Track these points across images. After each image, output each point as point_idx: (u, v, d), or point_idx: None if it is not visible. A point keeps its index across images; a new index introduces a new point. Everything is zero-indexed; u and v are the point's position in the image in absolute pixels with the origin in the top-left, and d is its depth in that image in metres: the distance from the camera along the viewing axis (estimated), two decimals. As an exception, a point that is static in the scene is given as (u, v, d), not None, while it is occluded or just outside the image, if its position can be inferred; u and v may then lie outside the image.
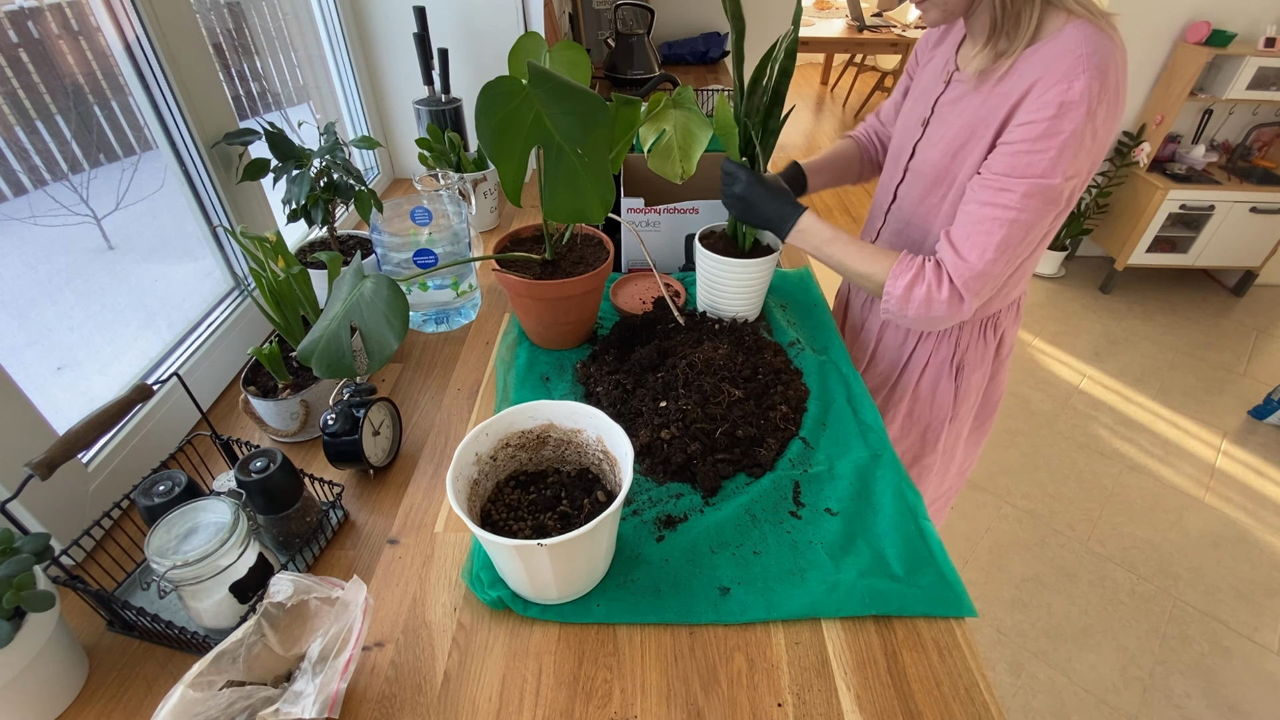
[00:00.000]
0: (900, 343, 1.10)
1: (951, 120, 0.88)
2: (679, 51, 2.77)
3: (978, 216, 0.81)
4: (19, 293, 0.77)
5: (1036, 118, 0.75)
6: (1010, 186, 0.78)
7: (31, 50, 0.78)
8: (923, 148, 0.94)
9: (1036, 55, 0.77)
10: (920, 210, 0.96)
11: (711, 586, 0.67)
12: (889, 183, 1.04)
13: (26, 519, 0.65)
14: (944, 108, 0.90)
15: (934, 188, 0.92)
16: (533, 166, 1.04)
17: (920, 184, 0.94)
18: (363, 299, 0.68)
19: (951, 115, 0.88)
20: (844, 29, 4.55)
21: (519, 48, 0.85)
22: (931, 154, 0.91)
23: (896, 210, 1.02)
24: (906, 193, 0.98)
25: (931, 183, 0.92)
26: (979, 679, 0.60)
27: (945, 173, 0.89)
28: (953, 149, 0.87)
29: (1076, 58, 0.73)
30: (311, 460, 0.83)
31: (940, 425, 1.13)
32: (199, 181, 0.95)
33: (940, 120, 0.91)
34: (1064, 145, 0.74)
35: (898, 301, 0.86)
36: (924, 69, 1.00)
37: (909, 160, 0.97)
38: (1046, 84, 0.75)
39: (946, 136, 0.88)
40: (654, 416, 0.82)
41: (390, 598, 0.67)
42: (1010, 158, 0.78)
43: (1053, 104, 0.74)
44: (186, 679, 0.49)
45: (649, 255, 0.99)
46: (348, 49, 1.43)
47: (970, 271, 0.82)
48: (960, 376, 1.07)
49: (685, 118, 0.92)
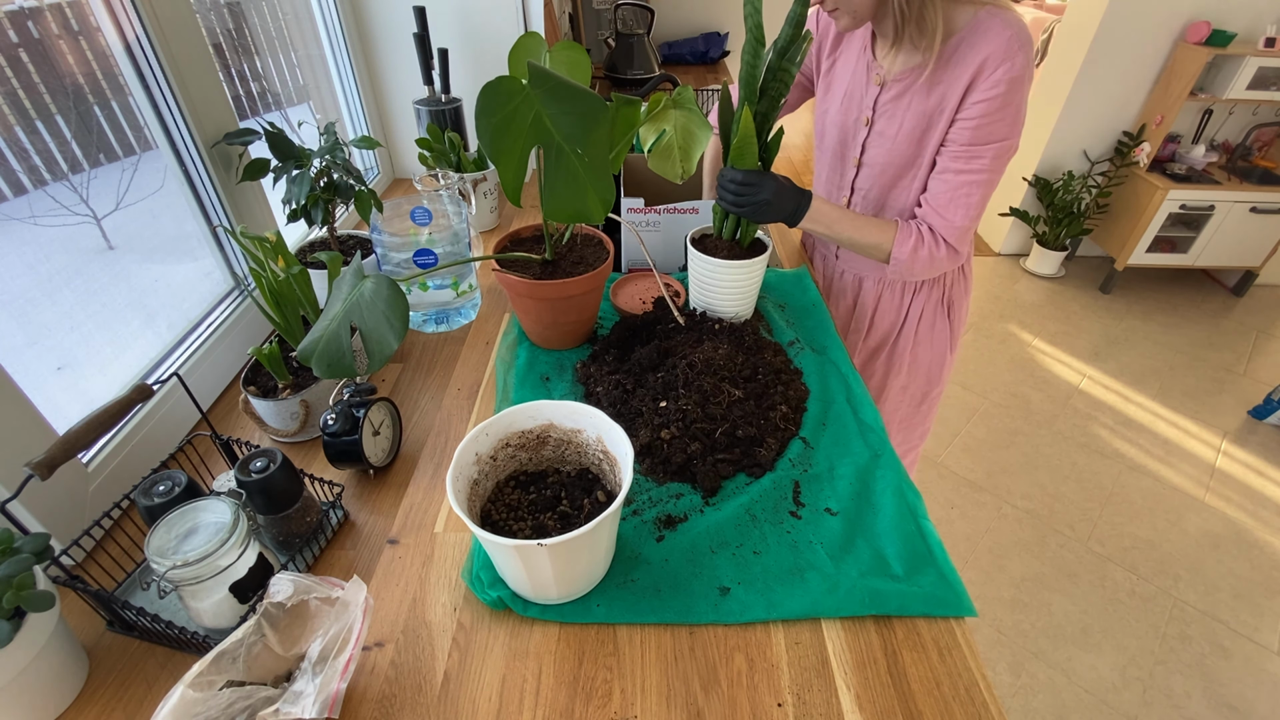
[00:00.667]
0: (898, 301, 1.20)
1: (901, 115, 0.99)
2: (679, 51, 2.77)
3: (956, 183, 0.96)
4: (19, 293, 0.77)
5: (992, 94, 0.89)
6: (981, 154, 0.93)
7: (31, 50, 0.78)
8: (876, 144, 1.04)
9: (972, 45, 0.89)
10: (893, 194, 1.07)
11: (711, 586, 0.67)
12: (840, 178, 1.14)
13: (26, 519, 0.65)
14: (887, 106, 1.00)
15: (904, 172, 1.03)
16: (533, 166, 1.04)
17: (887, 173, 1.05)
18: (363, 299, 0.68)
19: (899, 111, 0.99)
20: (844, 29, 4.53)
21: (519, 48, 0.85)
22: (892, 147, 1.02)
23: (860, 202, 1.12)
24: (869, 184, 1.09)
25: (899, 169, 1.03)
26: (979, 679, 0.60)
27: (913, 158, 1.01)
28: (914, 137, 0.99)
29: (1008, 39, 0.87)
30: (311, 460, 0.83)
31: (942, 356, 1.26)
32: (199, 181, 0.95)
33: (889, 118, 1.01)
34: (1017, 110, 0.91)
35: (905, 265, 1.00)
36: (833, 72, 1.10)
37: (861, 156, 1.08)
38: (993, 65, 0.88)
39: (904, 129, 0.99)
40: (654, 416, 0.82)
41: (390, 598, 0.67)
42: (975, 130, 0.92)
43: (1003, 81, 0.88)
44: (186, 679, 0.49)
45: (649, 255, 0.99)
46: (348, 49, 1.43)
47: (958, 229, 0.98)
48: (952, 311, 1.22)
49: (685, 118, 0.92)
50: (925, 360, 1.26)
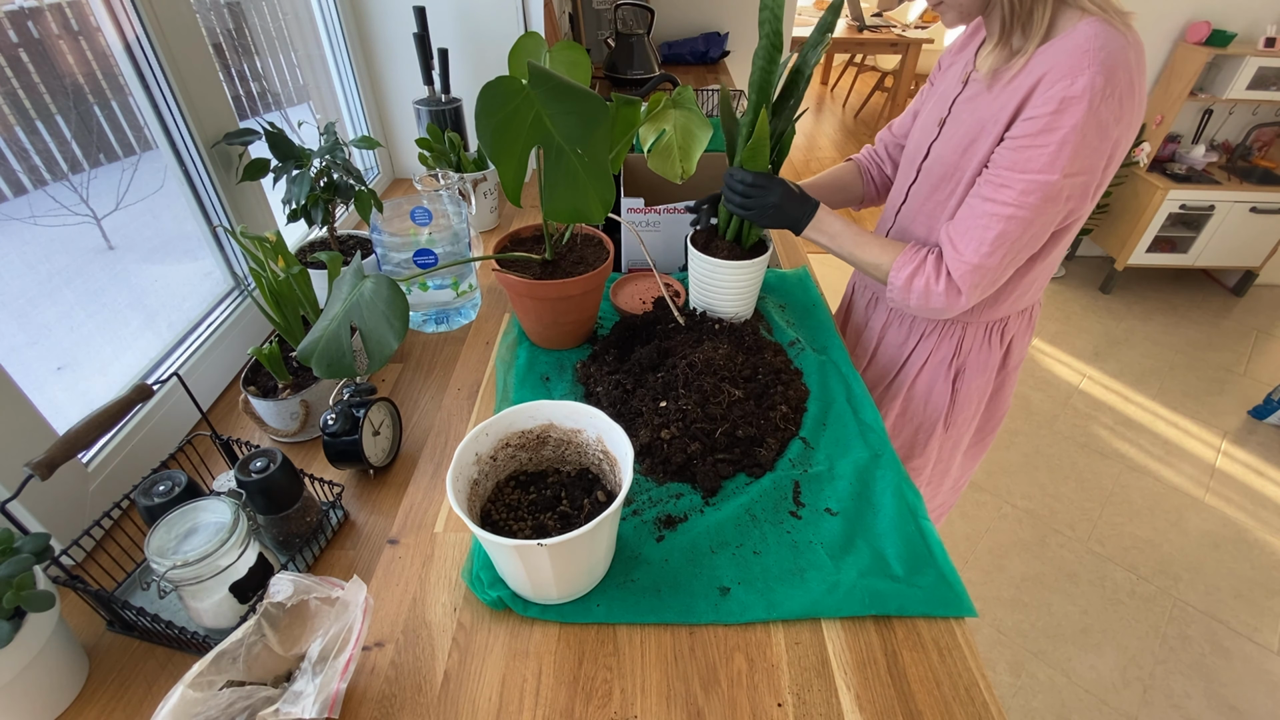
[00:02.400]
0: (902, 340, 1.10)
1: (964, 118, 0.88)
2: (679, 51, 2.77)
3: (977, 211, 0.82)
4: (19, 293, 0.77)
5: (1039, 113, 0.75)
6: (1009, 182, 0.79)
7: (31, 50, 0.78)
8: (937, 147, 0.94)
9: (1047, 52, 0.77)
10: (927, 206, 0.96)
11: (711, 586, 0.67)
12: (902, 184, 1.04)
13: (26, 519, 0.65)
14: (959, 106, 0.90)
15: (942, 184, 0.92)
16: (533, 166, 1.04)
17: (930, 181, 0.95)
18: (363, 299, 0.68)
19: (965, 113, 0.88)
20: (844, 29, 4.55)
21: (519, 48, 0.85)
22: (944, 152, 0.91)
23: (905, 210, 1.02)
24: (916, 191, 0.98)
25: (940, 179, 0.92)
26: (979, 679, 0.60)
27: (954, 169, 0.89)
28: (963, 145, 0.87)
29: (1084, 53, 0.72)
30: (311, 460, 0.83)
31: (932, 427, 1.13)
32: (199, 181, 0.95)
33: (955, 119, 0.91)
34: (1063, 141, 0.74)
35: (900, 291, 0.89)
36: (945, 73, 1.00)
37: (923, 160, 0.97)
38: (1052, 79, 0.74)
39: (958, 134, 0.88)
40: (654, 416, 0.82)
41: (390, 598, 0.67)
42: (1012, 153, 0.79)
43: (1055, 99, 0.73)
44: (186, 679, 0.49)
45: (649, 255, 0.99)
46: (348, 49, 1.43)
47: (965, 265, 0.83)
48: (959, 380, 1.08)
49: (685, 118, 0.92)
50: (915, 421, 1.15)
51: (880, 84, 5.24)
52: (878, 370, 1.17)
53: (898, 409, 1.15)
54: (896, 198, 1.06)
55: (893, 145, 1.16)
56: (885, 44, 4.46)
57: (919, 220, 0.98)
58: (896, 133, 1.14)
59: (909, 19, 5.29)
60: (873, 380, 1.18)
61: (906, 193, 1.01)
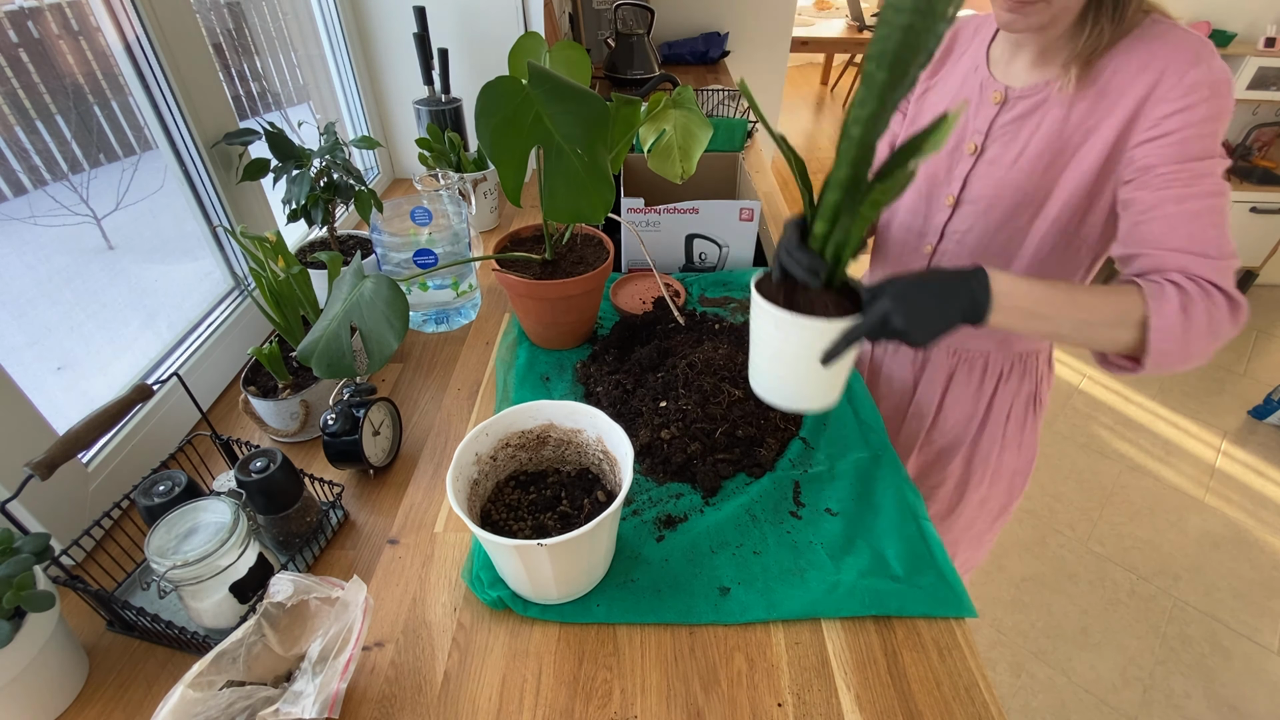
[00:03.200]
0: (975, 389, 0.98)
1: (1027, 137, 0.79)
2: (679, 51, 2.76)
3: (1192, 211, 0.70)
4: (19, 293, 0.77)
5: (1191, 101, 0.69)
6: (1206, 170, 0.70)
7: (31, 50, 0.78)
8: (984, 174, 0.84)
9: (1137, 54, 0.72)
10: (998, 239, 0.85)
11: (711, 586, 0.67)
12: (922, 223, 0.92)
13: (26, 519, 0.65)
14: (1007, 128, 0.81)
15: (1018, 212, 0.82)
16: (533, 166, 1.04)
17: (993, 213, 0.84)
18: (363, 299, 0.68)
19: (1024, 132, 0.80)
20: (844, 29, 4.55)
21: (519, 48, 0.85)
22: (1005, 176, 0.82)
23: (953, 250, 0.90)
24: (967, 225, 0.87)
25: (1013, 208, 0.82)
26: (979, 679, 0.60)
27: (1033, 193, 0.80)
28: (1038, 167, 0.79)
29: (1196, 42, 0.70)
30: (311, 460, 0.83)
31: (1028, 466, 1.03)
32: (199, 181, 0.95)
33: (1007, 142, 0.82)
34: (1220, 123, 0.71)
35: (1177, 334, 0.66)
36: (925, 99, 0.91)
37: (961, 192, 0.87)
38: (1180, 70, 0.70)
39: (1027, 154, 0.79)
40: (654, 416, 0.82)
41: (390, 598, 0.67)
42: (1181, 145, 0.70)
43: (1203, 85, 0.69)
44: (186, 679, 0.49)
45: (649, 255, 0.99)
46: (348, 49, 1.43)
47: (1226, 265, 0.69)
48: (1039, 410, 1.01)
49: (685, 118, 0.92)
50: (1009, 468, 1.02)
51: (880, 84, 5.23)
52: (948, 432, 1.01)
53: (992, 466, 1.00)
54: (918, 239, 0.94)
55: None
56: (885, 44, 4.44)
57: (988, 257, 0.87)
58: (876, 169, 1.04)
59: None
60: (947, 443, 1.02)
61: (942, 232, 0.90)
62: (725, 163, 1.35)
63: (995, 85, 0.83)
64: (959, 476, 1.05)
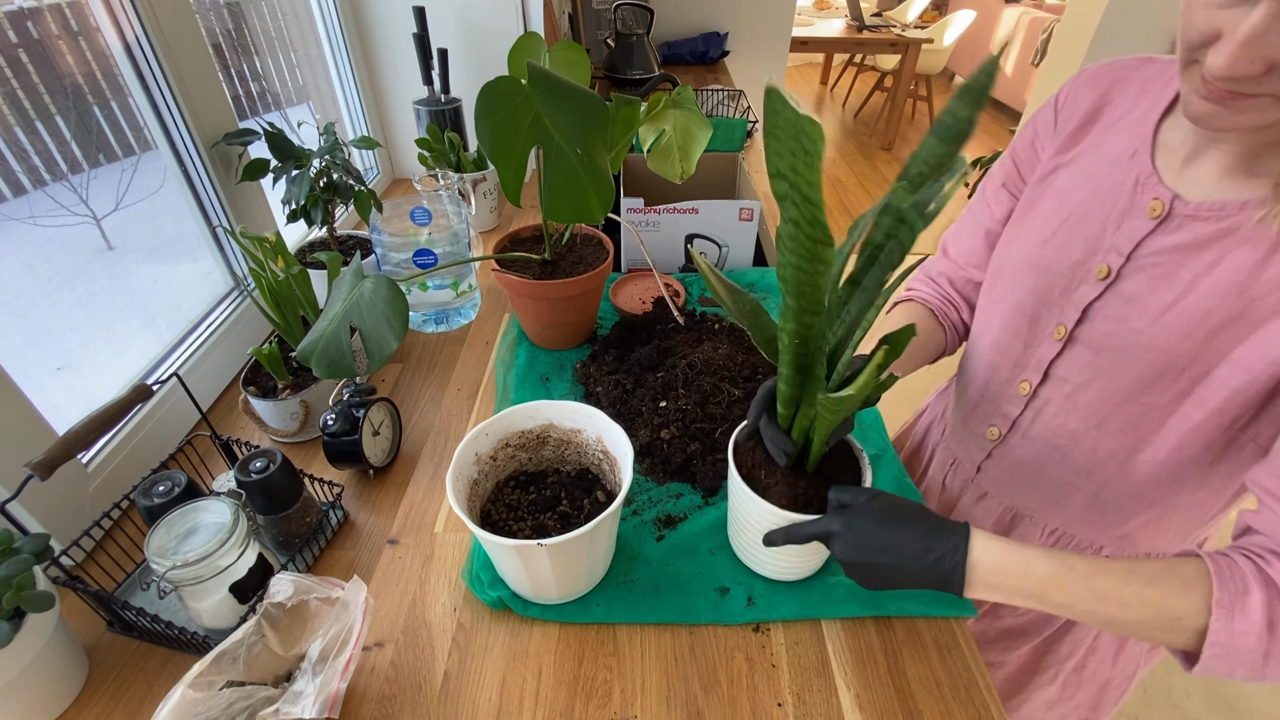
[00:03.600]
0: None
1: (1191, 277, 0.55)
2: (678, 51, 2.77)
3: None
4: (19, 293, 0.77)
5: None
6: None
7: (31, 50, 0.78)
8: (1115, 311, 0.60)
9: None
10: (1126, 413, 0.61)
11: (711, 586, 0.67)
12: (1020, 350, 0.69)
13: (26, 519, 0.65)
14: (1166, 256, 0.56)
15: (1157, 383, 0.58)
16: (533, 166, 1.05)
17: (1121, 373, 0.60)
18: (362, 299, 0.68)
19: (1190, 267, 0.55)
20: (844, 29, 4.55)
21: (518, 48, 0.85)
22: (1142, 330, 0.58)
23: (1059, 404, 0.66)
24: (1081, 378, 0.64)
25: (1151, 375, 0.58)
26: (979, 679, 0.60)
27: (1185, 363, 0.56)
28: (1200, 329, 0.54)
29: None
30: (311, 460, 0.83)
31: (1126, 681, 0.79)
32: (199, 182, 0.95)
33: (1160, 274, 0.57)
34: None
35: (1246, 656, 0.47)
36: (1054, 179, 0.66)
37: (1076, 327, 0.63)
38: None
39: (1184, 307, 0.55)
40: (654, 416, 0.82)
41: (390, 598, 0.67)
42: None
43: None
44: (186, 679, 0.49)
45: (649, 255, 0.99)
46: (347, 49, 1.43)
47: None
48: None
49: (685, 118, 0.92)
50: (1100, 677, 0.78)
51: (880, 84, 5.24)
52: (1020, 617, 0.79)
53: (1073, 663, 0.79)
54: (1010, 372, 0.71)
55: (962, 281, 0.80)
56: (885, 44, 4.46)
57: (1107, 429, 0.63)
58: (963, 262, 0.79)
59: (908, 19, 5.30)
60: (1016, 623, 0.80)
61: (1046, 372, 0.67)
62: (725, 162, 1.35)
63: (1157, 189, 0.57)
64: (1023, 665, 0.81)
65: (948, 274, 0.81)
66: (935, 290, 0.82)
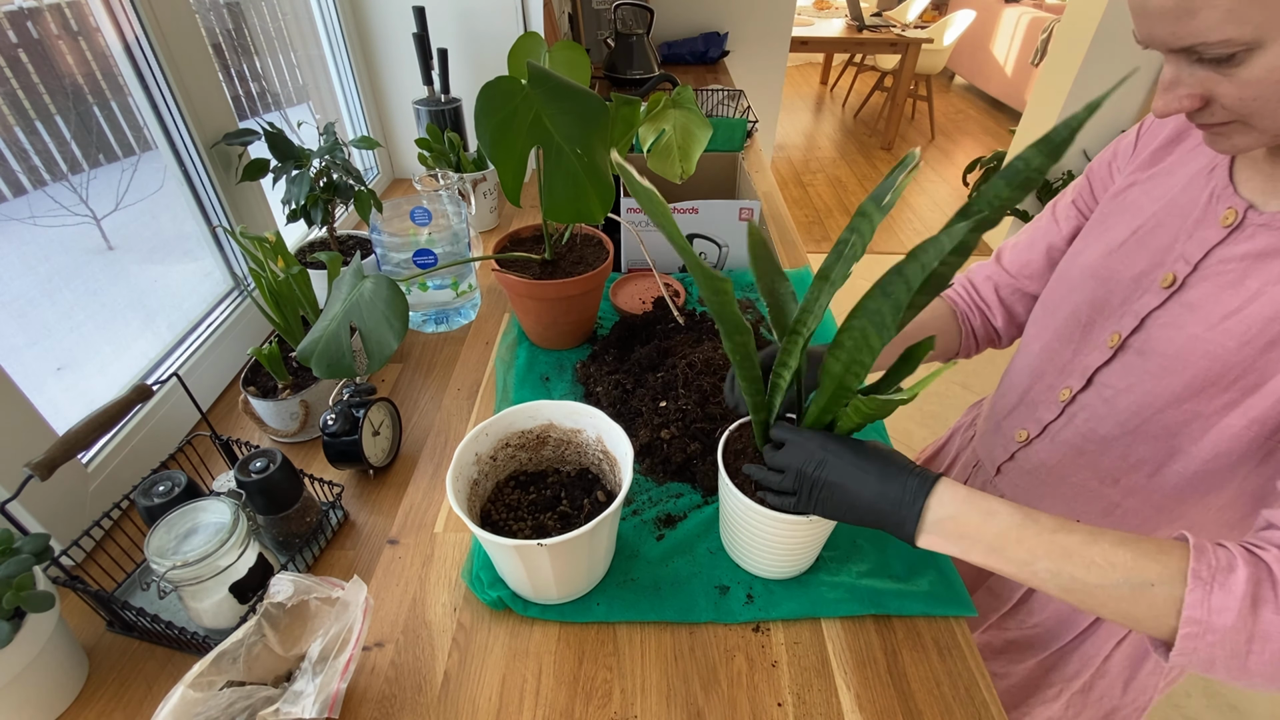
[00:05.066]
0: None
1: (1254, 288, 0.54)
2: (678, 51, 2.77)
3: None
4: (19, 293, 0.77)
5: None
6: None
7: (31, 50, 0.78)
8: (1173, 321, 0.59)
9: None
10: (1167, 419, 0.60)
11: (711, 586, 0.67)
12: (1069, 357, 0.68)
13: (26, 519, 0.65)
14: (1235, 264, 0.55)
15: (1207, 390, 0.57)
16: (532, 166, 1.04)
17: (1170, 378, 0.59)
18: (362, 299, 0.68)
19: (1254, 280, 0.54)
20: (843, 29, 4.55)
21: (518, 48, 0.85)
22: (1201, 336, 0.56)
23: (1096, 409, 0.66)
24: (1126, 383, 0.63)
25: (1203, 381, 0.57)
26: (979, 679, 0.60)
27: (1240, 371, 0.55)
28: (1260, 337, 0.53)
29: None
30: (311, 460, 0.83)
31: (1135, 714, 0.77)
32: (199, 182, 0.95)
33: (1227, 282, 0.56)
34: None
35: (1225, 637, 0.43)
36: (1129, 195, 0.66)
37: (1131, 335, 0.62)
38: None
39: (1247, 314, 0.54)
40: (654, 416, 0.82)
41: (390, 598, 0.67)
42: None
43: None
44: (187, 679, 0.49)
45: (649, 255, 0.99)
46: (347, 49, 1.43)
47: None
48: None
49: (685, 118, 0.92)
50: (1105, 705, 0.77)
51: (880, 84, 5.24)
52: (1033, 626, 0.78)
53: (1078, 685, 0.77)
54: (1054, 378, 0.70)
55: (1010, 290, 0.80)
56: (885, 44, 4.46)
57: (1144, 434, 0.62)
58: (1017, 274, 0.79)
59: (908, 19, 5.30)
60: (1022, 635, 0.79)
61: (1091, 378, 0.66)
62: (725, 162, 1.35)
63: (1232, 200, 0.56)
64: (1027, 679, 0.79)
65: (994, 279, 0.81)
66: (967, 292, 0.83)
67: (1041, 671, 0.79)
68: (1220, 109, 0.47)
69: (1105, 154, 0.71)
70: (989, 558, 0.50)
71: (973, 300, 0.82)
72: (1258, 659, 0.43)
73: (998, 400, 0.81)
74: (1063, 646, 0.76)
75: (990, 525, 0.50)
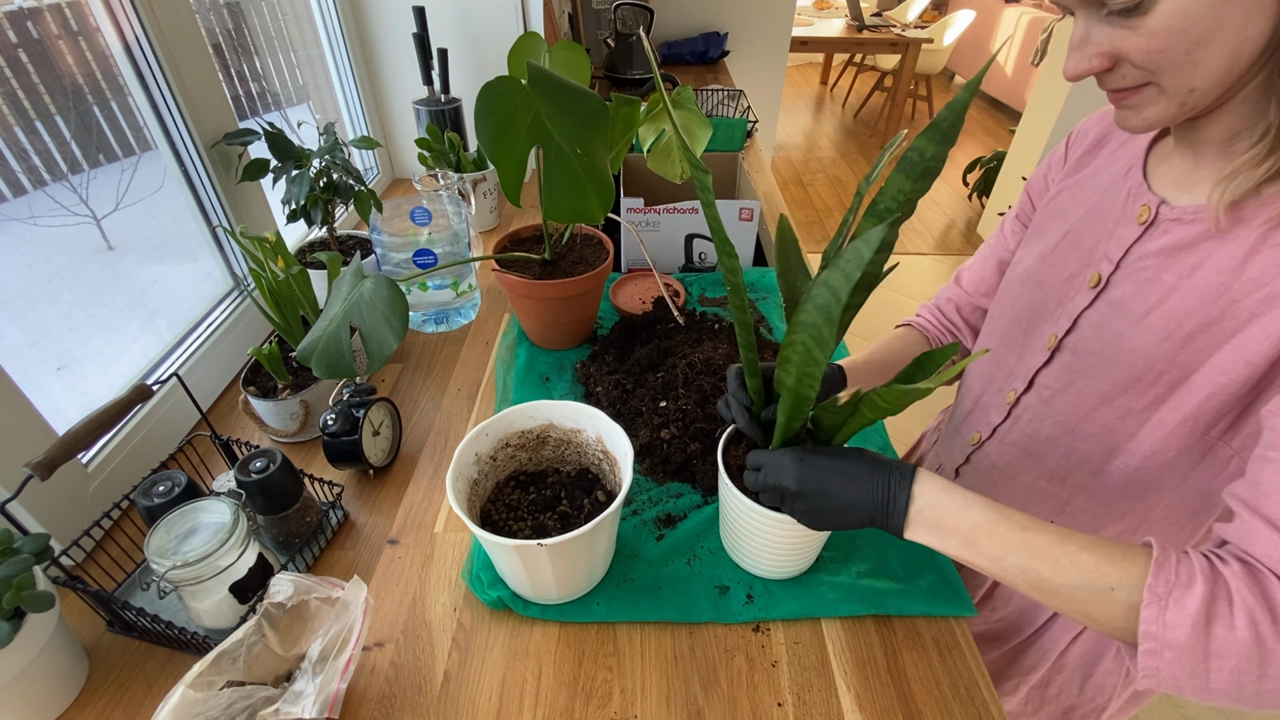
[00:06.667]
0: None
1: (1174, 280, 0.54)
2: (678, 51, 2.77)
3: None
4: (19, 293, 0.77)
5: None
6: None
7: (31, 50, 0.78)
8: (1099, 320, 0.60)
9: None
10: (1100, 418, 0.61)
11: (711, 586, 0.67)
12: (1012, 362, 0.70)
13: (26, 519, 0.65)
14: (1151, 260, 0.56)
15: (1133, 388, 0.57)
16: (532, 166, 1.04)
17: (1098, 377, 0.60)
18: (362, 299, 0.68)
19: (1173, 270, 0.55)
20: (843, 28, 4.55)
21: (518, 48, 0.85)
22: (1124, 333, 0.58)
23: (1036, 409, 0.67)
24: (1060, 383, 0.64)
25: (1128, 379, 0.57)
26: (979, 679, 0.60)
27: (1162, 367, 0.55)
28: (1178, 332, 0.54)
29: None
30: (311, 460, 0.83)
31: (1093, 714, 0.76)
32: (198, 182, 0.95)
33: (1145, 279, 0.57)
34: None
35: (1181, 654, 0.43)
36: (1057, 203, 0.68)
37: (1065, 336, 0.63)
38: None
39: (1169, 306, 0.54)
40: (654, 416, 0.82)
41: (390, 598, 0.67)
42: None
43: None
44: (187, 679, 0.49)
45: (649, 255, 0.99)
46: (347, 49, 1.43)
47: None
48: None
49: (684, 118, 0.92)
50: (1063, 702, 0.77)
51: (880, 84, 5.24)
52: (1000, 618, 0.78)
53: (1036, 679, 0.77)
54: (1002, 381, 0.72)
55: (971, 309, 0.83)
56: (884, 43, 4.46)
57: (1080, 434, 0.63)
58: (973, 290, 0.82)
59: (908, 18, 5.30)
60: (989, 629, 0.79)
61: (1031, 380, 0.67)
62: (725, 162, 1.35)
63: (1145, 196, 0.57)
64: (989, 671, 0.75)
65: (955, 301, 0.84)
66: (936, 318, 0.86)
67: (1003, 664, 0.80)
68: (1130, 68, 0.47)
69: (1041, 167, 0.73)
70: (963, 550, 0.52)
71: (943, 325, 0.85)
72: (1218, 677, 0.43)
73: (956, 405, 0.83)
74: (1022, 640, 0.77)
75: (966, 518, 0.51)
